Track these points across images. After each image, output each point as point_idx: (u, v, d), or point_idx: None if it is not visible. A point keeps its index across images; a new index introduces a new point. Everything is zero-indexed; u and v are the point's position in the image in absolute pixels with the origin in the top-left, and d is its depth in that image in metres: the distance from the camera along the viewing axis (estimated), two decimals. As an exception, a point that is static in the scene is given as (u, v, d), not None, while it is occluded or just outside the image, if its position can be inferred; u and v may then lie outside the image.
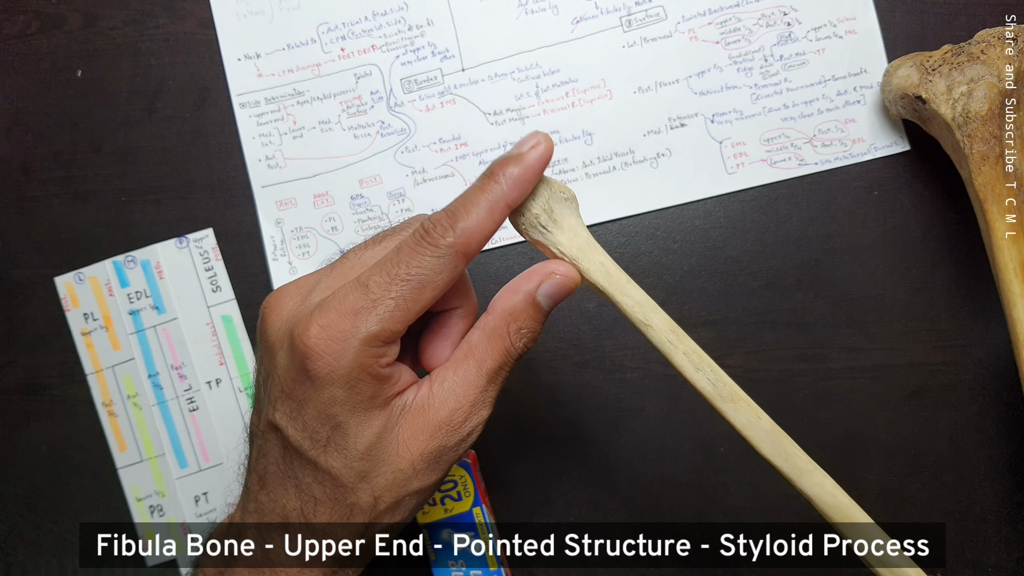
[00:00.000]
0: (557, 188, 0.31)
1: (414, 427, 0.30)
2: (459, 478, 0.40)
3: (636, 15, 0.45)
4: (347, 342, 0.28)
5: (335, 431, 0.29)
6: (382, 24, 0.45)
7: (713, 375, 0.31)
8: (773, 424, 0.31)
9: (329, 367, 0.28)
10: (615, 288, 0.31)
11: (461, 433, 0.30)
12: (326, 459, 0.29)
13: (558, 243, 0.31)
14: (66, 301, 0.45)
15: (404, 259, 0.29)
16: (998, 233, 0.38)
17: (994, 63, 0.39)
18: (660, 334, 0.31)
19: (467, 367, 0.31)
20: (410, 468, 0.30)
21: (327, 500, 0.30)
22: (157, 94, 0.45)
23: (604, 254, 0.31)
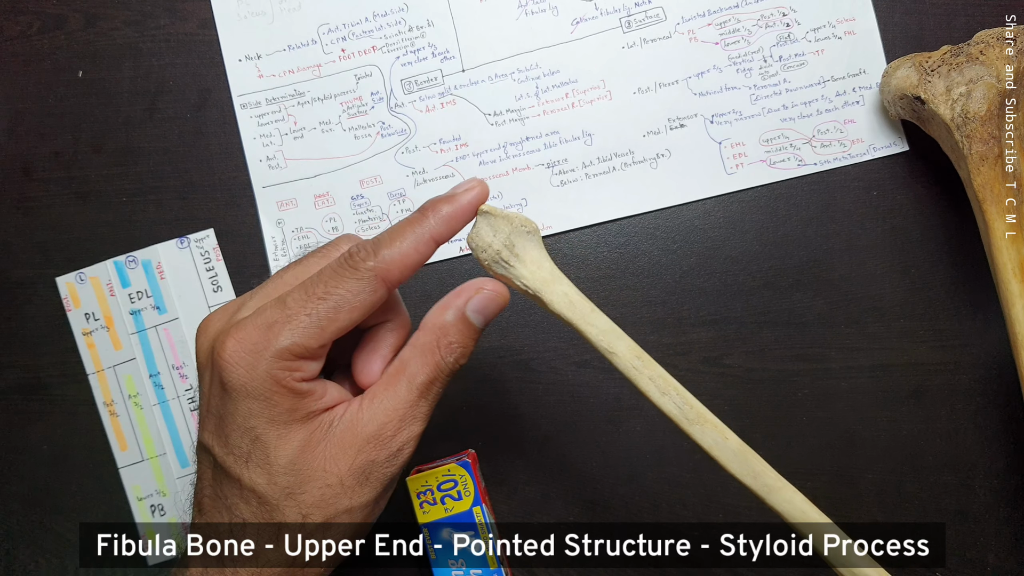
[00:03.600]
0: (519, 222, 0.32)
1: (342, 442, 0.30)
2: (459, 477, 0.40)
3: (636, 16, 0.45)
4: (260, 355, 0.29)
5: (255, 445, 0.29)
6: (382, 25, 0.45)
7: (679, 398, 0.32)
8: (741, 443, 0.31)
9: (243, 379, 0.29)
10: (579, 318, 0.32)
11: (390, 448, 0.30)
12: (249, 475, 0.29)
13: (521, 276, 0.32)
14: (67, 301, 0.45)
15: (324, 280, 0.29)
16: (997, 233, 0.38)
17: (993, 63, 0.39)
18: (625, 360, 0.32)
19: (398, 383, 0.31)
20: (338, 484, 0.30)
21: (254, 521, 0.30)
22: (158, 94, 0.46)
23: (568, 284, 0.32)
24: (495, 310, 0.32)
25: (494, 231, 0.31)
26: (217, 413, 0.30)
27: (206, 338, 0.31)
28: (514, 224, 0.31)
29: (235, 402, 0.29)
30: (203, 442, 0.31)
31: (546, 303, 0.32)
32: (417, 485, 0.40)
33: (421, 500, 0.40)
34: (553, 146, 0.45)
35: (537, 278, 0.32)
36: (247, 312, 0.30)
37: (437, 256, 0.45)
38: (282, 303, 0.29)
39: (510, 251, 0.31)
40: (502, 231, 0.31)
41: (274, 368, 0.29)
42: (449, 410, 0.45)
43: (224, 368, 0.29)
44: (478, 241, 0.32)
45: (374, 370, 0.32)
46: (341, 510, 0.30)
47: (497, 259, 0.32)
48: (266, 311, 0.29)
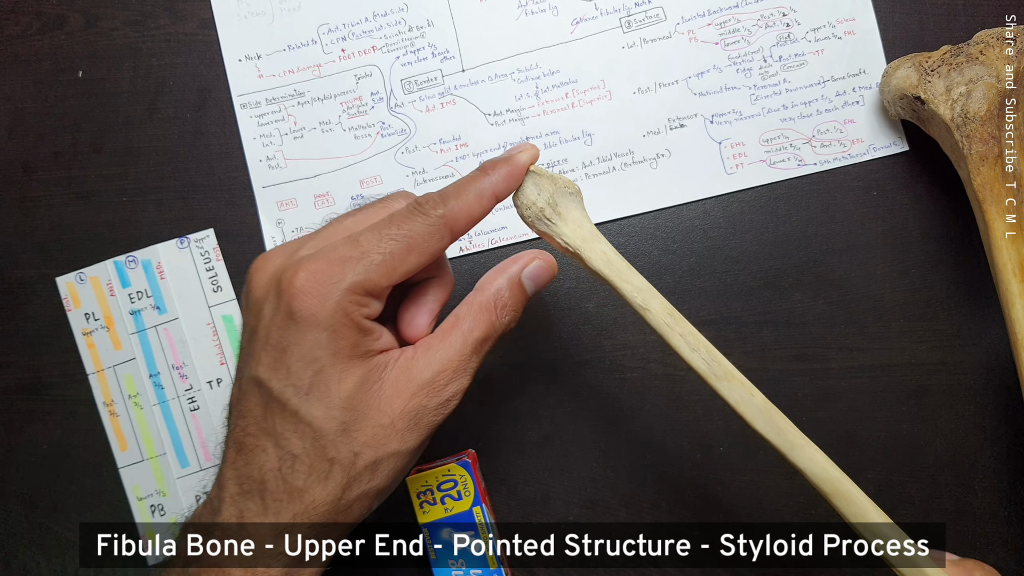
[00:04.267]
0: (562, 183, 0.34)
1: (397, 385, 0.31)
2: (459, 477, 0.40)
3: (636, 16, 0.45)
4: (333, 286, 0.29)
5: (317, 377, 0.30)
6: (382, 25, 0.45)
7: (708, 355, 0.33)
8: (766, 401, 0.32)
9: (314, 308, 0.29)
10: (615, 275, 0.33)
11: (442, 397, 0.31)
12: (308, 407, 0.30)
13: (562, 234, 0.33)
14: (67, 301, 0.45)
15: (396, 222, 0.31)
16: (997, 233, 0.38)
17: (993, 64, 0.39)
18: (658, 317, 0.33)
19: (453, 336, 0.32)
20: (390, 424, 0.30)
21: (306, 455, 0.30)
22: (158, 94, 0.46)
23: (606, 243, 0.33)
24: (546, 279, 0.34)
25: (539, 190, 0.33)
26: (278, 345, 0.30)
27: (264, 273, 0.32)
28: (558, 184, 0.33)
29: (302, 332, 0.30)
30: (256, 376, 0.31)
31: (585, 260, 0.33)
32: (417, 485, 0.40)
33: (421, 500, 0.40)
34: (553, 146, 0.45)
35: (577, 236, 0.33)
36: (309, 251, 0.31)
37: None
38: (355, 241, 0.30)
39: (553, 209, 0.33)
40: (546, 190, 0.33)
41: (345, 301, 0.30)
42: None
43: (296, 297, 0.29)
44: (523, 199, 0.33)
45: (421, 323, 0.33)
46: (390, 452, 0.31)
47: (540, 216, 0.33)
48: (339, 247, 0.30)
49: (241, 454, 0.31)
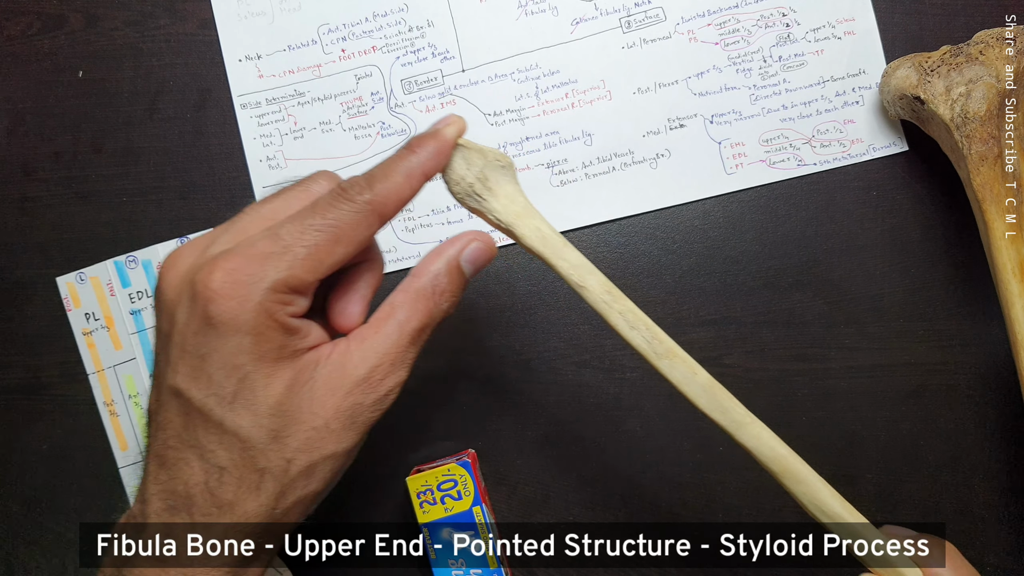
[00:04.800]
0: (493, 156, 0.32)
1: (329, 384, 0.29)
2: (459, 477, 0.40)
3: (635, 16, 0.45)
4: (254, 286, 0.27)
5: (241, 384, 0.27)
6: (382, 25, 0.45)
7: (648, 333, 0.32)
8: (710, 379, 0.31)
9: (234, 312, 0.27)
10: (551, 252, 0.32)
11: (379, 392, 0.29)
12: (233, 417, 0.27)
13: (493, 210, 0.32)
14: (67, 301, 0.45)
15: (319, 211, 0.28)
16: (996, 233, 0.38)
17: (993, 64, 0.39)
18: (595, 295, 0.31)
19: (389, 327, 0.30)
20: (324, 426, 0.28)
21: (234, 467, 0.28)
22: (158, 95, 0.46)
23: (541, 219, 0.32)
24: (485, 261, 0.32)
25: (468, 164, 0.32)
26: (196, 352, 0.28)
27: (176, 273, 0.29)
28: (488, 158, 0.32)
29: (222, 338, 0.27)
30: (175, 386, 0.28)
31: (518, 237, 0.32)
32: (417, 485, 0.40)
33: (421, 500, 0.40)
34: (553, 146, 0.45)
35: (510, 212, 0.32)
36: (223, 246, 0.29)
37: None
38: (275, 234, 0.28)
39: (483, 184, 0.32)
40: (476, 164, 0.31)
41: (267, 301, 0.27)
42: (449, 410, 0.45)
43: (212, 299, 0.27)
44: (452, 175, 0.32)
45: (353, 312, 0.31)
46: (326, 455, 0.29)
47: (470, 192, 0.32)
48: (257, 242, 0.28)
49: (164, 468, 0.29)
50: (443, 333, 0.45)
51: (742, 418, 0.31)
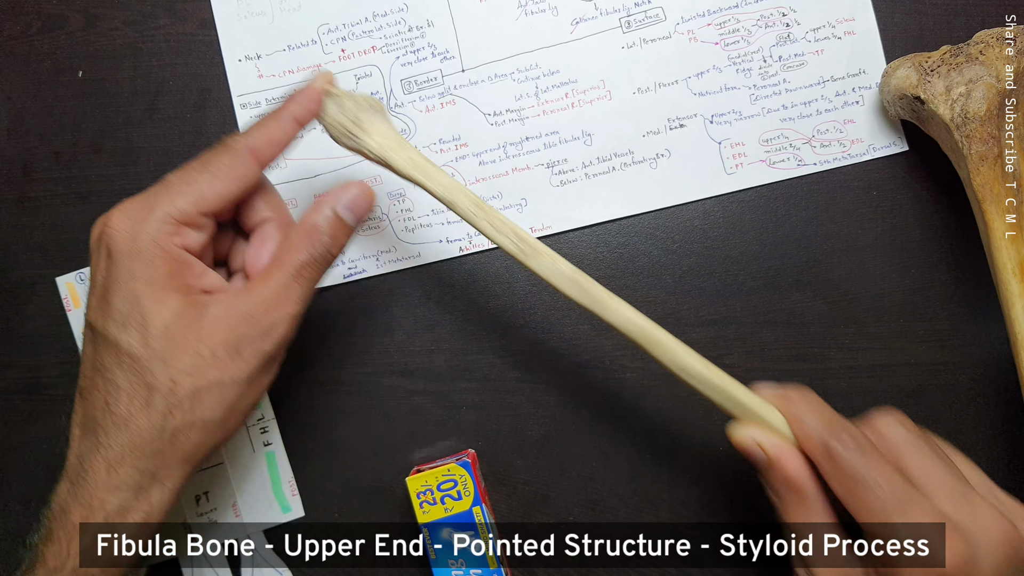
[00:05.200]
0: (363, 100, 0.36)
1: (216, 319, 0.32)
2: (459, 477, 0.40)
3: (635, 16, 0.45)
4: (142, 220, 0.32)
5: (133, 306, 0.32)
6: (382, 25, 0.45)
7: (515, 236, 0.35)
8: (573, 268, 0.35)
9: (126, 241, 0.32)
10: (423, 176, 0.36)
11: (262, 324, 0.33)
12: (126, 337, 0.32)
13: (368, 146, 0.36)
14: (67, 301, 0.45)
15: (202, 159, 0.34)
16: (997, 233, 0.38)
17: (993, 64, 0.39)
18: (464, 208, 0.35)
19: (273, 268, 0.34)
20: (210, 355, 0.32)
21: (127, 384, 0.32)
22: (158, 94, 0.46)
23: (412, 149, 0.36)
24: (364, 206, 0.35)
25: (340, 108, 0.36)
26: (102, 285, 0.32)
27: (94, 230, 0.33)
28: (358, 101, 0.36)
29: (118, 266, 0.32)
30: (88, 321, 0.33)
31: (393, 166, 0.36)
32: (417, 485, 0.40)
33: (421, 500, 0.40)
34: (553, 146, 0.45)
35: (384, 146, 0.36)
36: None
37: (436, 256, 0.45)
38: (163, 181, 0.33)
39: (356, 125, 0.36)
40: (348, 108, 0.36)
41: (155, 231, 0.32)
42: (449, 410, 0.45)
43: (110, 236, 0.32)
44: (327, 119, 0.36)
45: (263, 260, 0.35)
46: (211, 381, 0.32)
47: (346, 133, 0.36)
48: (149, 190, 0.33)
49: (81, 399, 0.33)
50: (443, 332, 0.45)
51: (605, 299, 0.35)
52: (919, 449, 0.32)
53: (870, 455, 0.32)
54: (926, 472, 0.32)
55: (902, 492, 0.31)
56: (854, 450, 0.32)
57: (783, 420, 0.34)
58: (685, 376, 0.34)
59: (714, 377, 0.34)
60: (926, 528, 0.30)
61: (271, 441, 0.45)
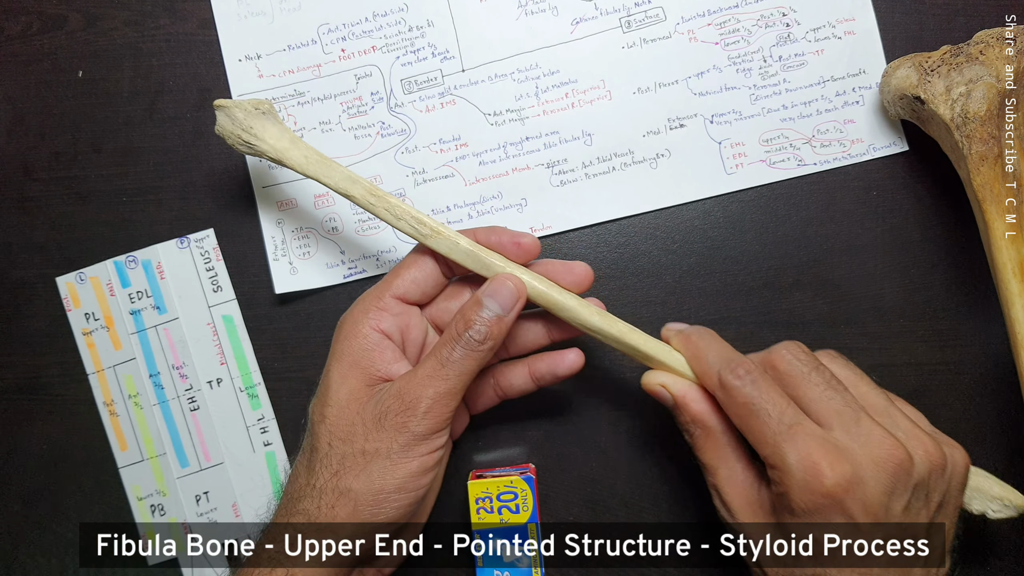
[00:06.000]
0: (251, 107, 0.38)
1: (377, 397, 0.36)
2: (520, 492, 0.40)
3: (635, 16, 0.45)
4: (354, 306, 0.39)
5: (323, 380, 0.38)
6: (382, 25, 0.45)
7: (413, 220, 0.37)
8: (471, 243, 0.37)
9: (342, 324, 0.39)
10: (318, 171, 0.38)
11: (406, 401, 0.35)
12: (313, 404, 0.38)
13: (265, 150, 0.38)
14: (67, 301, 0.45)
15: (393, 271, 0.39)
16: (997, 233, 0.38)
17: (993, 64, 0.39)
18: (361, 199, 0.38)
19: (427, 354, 0.36)
20: (360, 425, 0.35)
21: (305, 443, 0.37)
22: (158, 94, 0.46)
23: (307, 147, 0.38)
24: (506, 295, 0.36)
25: (231, 119, 0.38)
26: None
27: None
28: (247, 109, 0.38)
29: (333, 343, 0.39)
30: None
31: (290, 164, 0.38)
32: (478, 490, 0.40)
33: (479, 506, 0.40)
34: (553, 146, 0.45)
35: (278, 147, 0.38)
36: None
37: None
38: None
39: (249, 133, 0.38)
40: (238, 118, 0.38)
41: (356, 313, 0.38)
42: (449, 410, 0.45)
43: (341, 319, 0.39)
44: (221, 132, 0.38)
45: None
46: (356, 450, 0.35)
47: (240, 142, 0.38)
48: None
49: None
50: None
51: (501, 268, 0.37)
52: (811, 378, 0.34)
53: (761, 385, 0.33)
54: (817, 400, 0.33)
55: (790, 418, 0.32)
56: (748, 382, 0.33)
57: (680, 359, 0.37)
58: (590, 332, 0.37)
59: (614, 329, 0.37)
60: (813, 451, 0.31)
61: (271, 441, 0.45)
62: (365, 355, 0.36)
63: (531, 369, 0.40)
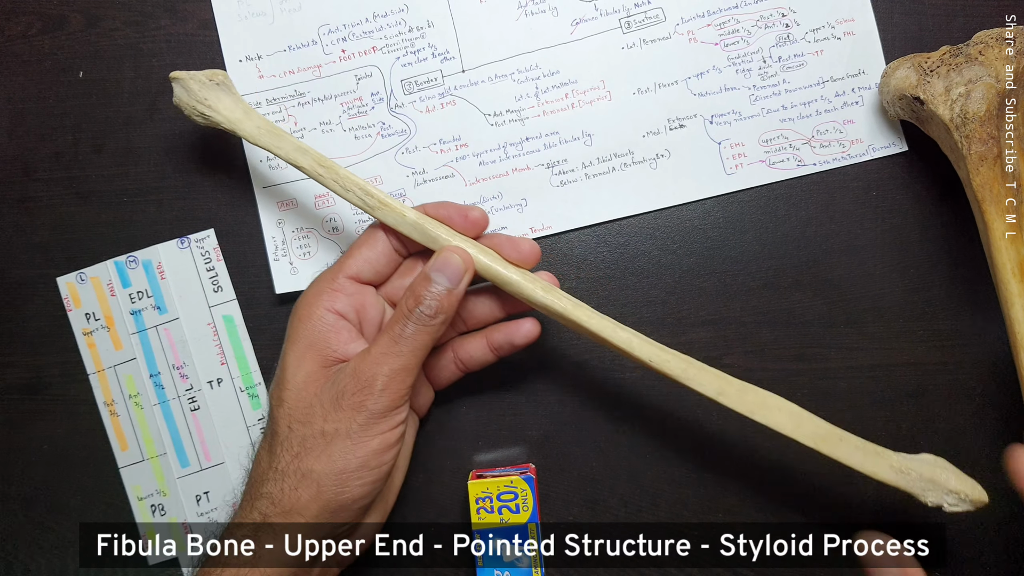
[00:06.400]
0: (205, 78, 0.39)
1: (335, 377, 0.36)
2: (521, 492, 0.40)
3: (635, 16, 0.45)
4: (309, 287, 0.40)
5: (280, 363, 0.38)
6: (383, 26, 0.45)
7: (361, 191, 0.38)
8: (418, 215, 0.37)
9: (297, 307, 0.39)
10: (269, 143, 0.38)
11: (362, 380, 0.35)
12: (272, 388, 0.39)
13: (220, 121, 0.39)
14: (68, 301, 0.45)
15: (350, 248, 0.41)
16: (996, 233, 0.38)
17: (992, 64, 0.39)
18: (311, 169, 0.38)
19: (380, 332, 0.37)
20: (319, 405, 0.36)
21: (268, 428, 0.38)
22: (159, 95, 0.46)
23: (260, 118, 0.39)
24: (453, 268, 0.36)
25: (186, 91, 0.39)
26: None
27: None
28: (201, 81, 0.39)
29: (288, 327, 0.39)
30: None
31: (243, 135, 0.39)
32: (478, 490, 0.40)
33: (479, 506, 0.40)
34: (553, 146, 0.45)
35: (233, 118, 0.39)
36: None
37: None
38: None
39: (204, 104, 0.38)
40: (193, 89, 0.38)
41: (310, 295, 0.38)
42: (449, 410, 0.45)
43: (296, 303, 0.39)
44: (178, 102, 0.39)
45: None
46: (316, 431, 0.35)
47: (196, 112, 0.39)
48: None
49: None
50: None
51: (444, 240, 0.37)
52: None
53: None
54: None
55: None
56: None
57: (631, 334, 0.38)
58: (536, 307, 0.38)
59: (558, 305, 0.37)
60: None
61: (271, 441, 0.45)
62: (320, 337, 0.37)
63: (489, 340, 0.40)
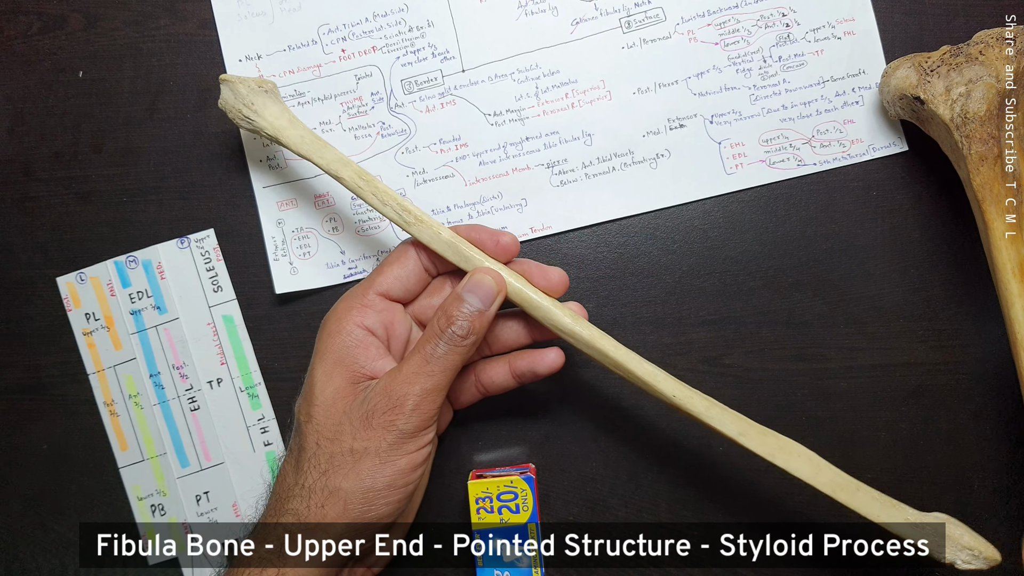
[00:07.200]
0: (255, 84, 0.39)
1: (365, 396, 0.36)
2: (520, 491, 0.40)
3: (635, 16, 0.45)
4: (338, 304, 0.40)
5: (307, 380, 0.38)
6: (383, 25, 0.45)
7: (398, 206, 0.38)
8: (452, 235, 0.37)
9: (326, 322, 0.39)
10: (311, 151, 0.38)
11: (392, 399, 0.35)
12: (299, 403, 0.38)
13: (263, 127, 0.39)
14: (68, 301, 0.45)
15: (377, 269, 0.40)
16: (996, 233, 0.38)
17: (992, 64, 0.39)
18: (350, 182, 0.38)
19: (410, 351, 0.36)
20: (348, 424, 0.35)
21: (293, 443, 0.38)
22: (158, 95, 0.46)
23: (303, 128, 0.39)
24: (485, 290, 0.36)
25: (234, 94, 0.39)
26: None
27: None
28: (250, 86, 0.39)
29: (317, 342, 0.39)
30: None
31: (285, 143, 0.39)
32: (478, 490, 0.40)
33: (479, 506, 0.40)
34: (553, 146, 0.45)
35: (276, 126, 0.39)
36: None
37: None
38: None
39: (250, 108, 0.39)
40: (241, 93, 0.39)
41: (340, 310, 0.38)
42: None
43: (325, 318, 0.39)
44: (224, 105, 0.39)
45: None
46: (345, 449, 0.35)
47: (242, 116, 0.39)
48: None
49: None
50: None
51: (479, 262, 0.37)
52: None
53: None
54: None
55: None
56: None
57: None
58: (562, 334, 0.38)
59: (585, 333, 0.38)
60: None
61: (271, 441, 0.45)
62: (349, 352, 0.37)
63: (512, 366, 0.40)
